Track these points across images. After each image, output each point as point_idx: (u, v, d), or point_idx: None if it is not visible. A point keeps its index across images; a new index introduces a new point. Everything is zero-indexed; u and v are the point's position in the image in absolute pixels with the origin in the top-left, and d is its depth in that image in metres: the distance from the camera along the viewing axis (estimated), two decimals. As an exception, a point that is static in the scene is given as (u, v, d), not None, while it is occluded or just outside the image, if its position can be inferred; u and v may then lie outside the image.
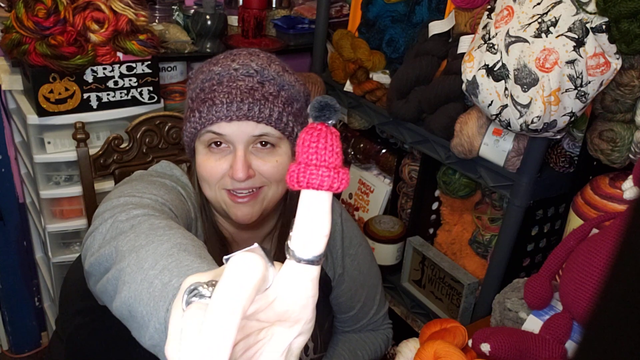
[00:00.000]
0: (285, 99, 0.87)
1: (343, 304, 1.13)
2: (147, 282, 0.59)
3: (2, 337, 2.17)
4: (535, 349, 0.89)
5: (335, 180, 0.37)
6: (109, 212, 0.76)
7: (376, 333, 1.20)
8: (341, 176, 0.37)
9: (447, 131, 1.32)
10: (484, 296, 1.36)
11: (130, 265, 0.63)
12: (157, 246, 0.63)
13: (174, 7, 1.91)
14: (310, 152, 0.37)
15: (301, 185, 0.37)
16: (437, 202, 1.67)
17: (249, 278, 0.34)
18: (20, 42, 1.41)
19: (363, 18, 1.70)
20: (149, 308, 0.57)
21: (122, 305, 0.61)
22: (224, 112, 0.83)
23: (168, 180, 0.91)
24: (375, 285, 1.16)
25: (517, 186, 1.22)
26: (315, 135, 0.37)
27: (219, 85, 0.85)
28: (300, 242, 0.38)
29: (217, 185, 0.89)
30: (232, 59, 0.88)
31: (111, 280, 0.65)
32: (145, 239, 0.66)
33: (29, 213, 1.94)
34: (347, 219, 1.11)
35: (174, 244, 0.64)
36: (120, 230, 0.71)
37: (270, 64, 0.88)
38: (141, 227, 0.70)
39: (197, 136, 0.88)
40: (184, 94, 1.84)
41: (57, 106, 1.50)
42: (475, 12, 1.28)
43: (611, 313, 0.24)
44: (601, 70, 1.02)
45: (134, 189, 0.82)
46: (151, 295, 0.57)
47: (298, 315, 0.40)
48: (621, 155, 1.09)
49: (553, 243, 1.40)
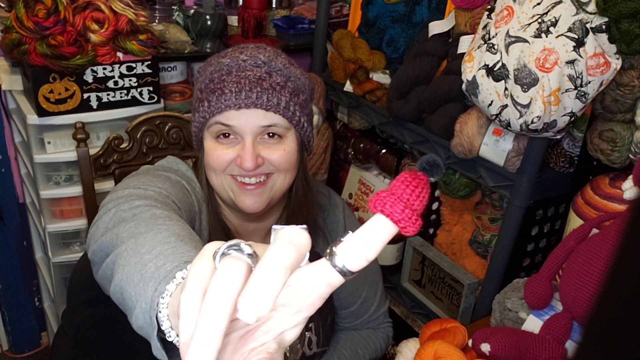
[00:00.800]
0: (292, 90, 0.89)
1: (344, 299, 1.13)
2: (141, 265, 0.59)
3: (2, 337, 2.17)
4: (536, 349, 0.89)
5: (410, 224, 0.40)
6: (113, 202, 0.78)
7: (377, 331, 1.20)
8: (416, 223, 0.40)
9: (447, 131, 1.32)
10: (484, 296, 1.36)
11: (127, 250, 0.64)
12: (155, 234, 0.65)
13: (174, 7, 1.91)
14: (408, 191, 0.40)
15: (384, 212, 0.39)
16: (437, 202, 1.67)
17: (301, 245, 0.37)
18: (20, 42, 1.41)
19: (363, 18, 1.70)
20: (138, 289, 0.57)
21: (116, 287, 0.62)
22: (233, 100, 0.85)
23: (173, 174, 0.93)
24: (376, 282, 1.17)
25: (517, 186, 1.22)
26: (418, 181, 0.40)
27: (228, 75, 0.87)
28: (347, 251, 0.39)
29: (225, 172, 0.90)
30: (240, 52, 0.90)
31: (109, 264, 0.67)
32: (145, 227, 0.67)
33: (29, 213, 1.94)
34: (349, 215, 1.13)
35: (172, 233, 0.65)
36: (122, 218, 0.73)
37: (277, 57, 0.91)
38: (142, 215, 0.72)
39: (206, 126, 0.89)
40: (184, 94, 1.84)
41: (57, 106, 1.50)
42: (475, 12, 1.28)
43: (611, 313, 0.24)
44: (601, 70, 1.02)
45: (139, 182, 0.84)
46: (142, 277, 0.58)
47: (300, 306, 0.40)
48: (621, 155, 1.09)
49: (553, 243, 1.40)
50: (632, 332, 0.23)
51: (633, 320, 0.23)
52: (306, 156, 0.99)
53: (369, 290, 1.15)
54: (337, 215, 1.11)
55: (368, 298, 1.15)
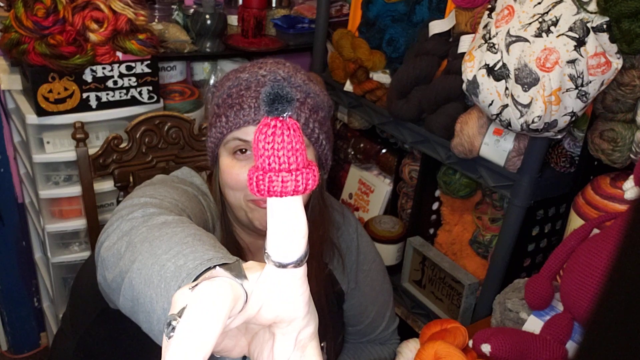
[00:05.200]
0: (311, 107, 0.88)
1: (351, 318, 1.13)
2: (159, 265, 0.57)
3: (1, 338, 2.17)
4: (536, 350, 0.89)
5: (299, 183, 0.34)
6: (127, 209, 0.76)
7: (383, 346, 1.20)
8: (305, 177, 0.34)
9: (448, 131, 1.32)
10: (485, 296, 1.36)
11: (142, 253, 0.61)
12: (171, 236, 0.62)
13: (174, 6, 1.91)
14: (267, 155, 0.33)
15: (262, 194, 0.34)
16: (437, 202, 1.66)
17: (210, 316, 0.33)
18: (20, 42, 1.40)
19: (363, 17, 1.70)
20: (159, 289, 0.55)
21: (130, 292, 0.59)
22: (252, 116, 0.83)
23: (190, 188, 0.91)
24: (386, 302, 1.16)
25: (517, 186, 1.22)
26: (269, 135, 0.33)
27: (247, 90, 0.86)
28: (279, 250, 0.36)
29: (243, 195, 0.89)
30: (259, 67, 0.89)
31: (122, 272, 0.64)
32: (159, 231, 0.65)
33: (28, 213, 1.94)
34: (362, 234, 1.11)
35: (188, 234, 0.62)
36: (133, 225, 0.71)
37: (296, 73, 0.89)
38: (154, 220, 0.69)
39: (223, 142, 0.88)
40: (183, 93, 1.83)
41: (56, 106, 1.49)
42: (475, 12, 1.27)
43: (612, 313, 0.24)
44: (602, 69, 1.02)
45: (155, 192, 0.82)
46: (162, 277, 0.56)
47: (291, 315, 0.39)
48: (622, 155, 1.09)
49: (554, 243, 1.40)
50: (632, 333, 0.23)
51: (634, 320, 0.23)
52: (323, 174, 0.97)
53: (377, 311, 1.14)
54: (350, 234, 1.10)
55: (376, 319, 1.15)
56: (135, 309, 0.60)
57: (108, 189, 1.56)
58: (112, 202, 1.64)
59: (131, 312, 0.61)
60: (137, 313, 0.59)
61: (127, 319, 0.64)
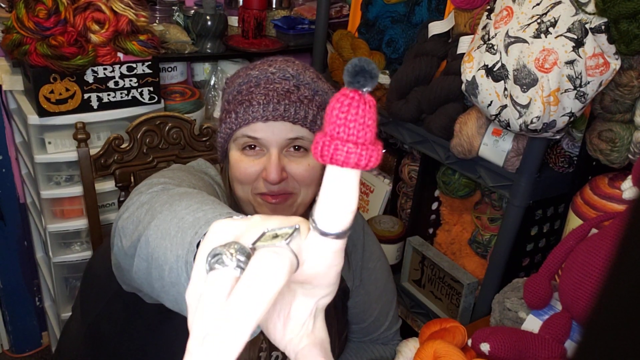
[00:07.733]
0: (320, 104, 0.89)
1: (355, 316, 1.13)
2: (178, 219, 0.57)
3: (3, 337, 2.17)
4: (535, 349, 0.90)
5: (362, 158, 0.33)
6: (146, 186, 0.76)
7: (385, 347, 1.20)
8: (369, 153, 0.34)
9: (447, 131, 1.33)
10: (484, 296, 1.36)
11: (162, 212, 0.61)
12: (190, 198, 0.62)
13: (174, 7, 1.91)
14: (338, 123, 0.33)
15: (324, 159, 0.34)
16: (436, 202, 1.67)
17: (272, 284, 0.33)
18: (21, 43, 1.41)
19: (363, 18, 1.70)
20: (175, 240, 0.55)
21: (145, 250, 0.59)
22: (260, 112, 0.85)
23: (206, 177, 0.93)
24: (390, 302, 1.16)
25: (516, 186, 1.22)
26: (345, 105, 0.33)
27: (256, 87, 0.87)
28: (325, 218, 0.36)
29: (251, 188, 0.90)
30: (269, 64, 0.90)
31: (140, 234, 0.63)
32: (179, 197, 0.65)
33: (30, 213, 1.94)
34: (369, 233, 1.12)
35: (208, 199, 0.63)
36: (153, 196, 0.71)
37: (305, 71, 0.91)
38: (173, 191, 0.70)
39: (232, 138, 0.89)
40: (184, 94, 1.84)
41: (58, 106, 1.50)
42: (474, 13, 1.28)
43: (610, 313, 0.24)
44: (600, 70, 1.02)
45: (174, 175, 0.82)
46: (179, 228, 0.55)
47: (321, 280, 0.39)
48: (620, 155, 1.10)
49: (552, 243, 1.41)
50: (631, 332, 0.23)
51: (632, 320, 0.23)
52: None
53: (381, 310, 1.14)
54: (357, 232, 1.10)
55: (379, 317, 1.15)
56: (149, 270, 0.59)
57: (109, 189, 1.57)
58: (114, 202, 1.64)
59: (146, 274, 0.61)
60: (151, 271, 0.59)
61: (139, 301, 0.64)
